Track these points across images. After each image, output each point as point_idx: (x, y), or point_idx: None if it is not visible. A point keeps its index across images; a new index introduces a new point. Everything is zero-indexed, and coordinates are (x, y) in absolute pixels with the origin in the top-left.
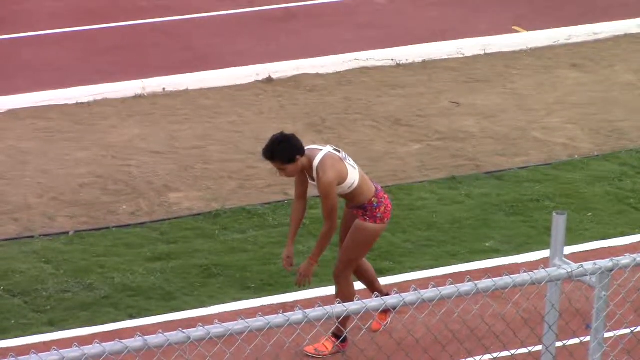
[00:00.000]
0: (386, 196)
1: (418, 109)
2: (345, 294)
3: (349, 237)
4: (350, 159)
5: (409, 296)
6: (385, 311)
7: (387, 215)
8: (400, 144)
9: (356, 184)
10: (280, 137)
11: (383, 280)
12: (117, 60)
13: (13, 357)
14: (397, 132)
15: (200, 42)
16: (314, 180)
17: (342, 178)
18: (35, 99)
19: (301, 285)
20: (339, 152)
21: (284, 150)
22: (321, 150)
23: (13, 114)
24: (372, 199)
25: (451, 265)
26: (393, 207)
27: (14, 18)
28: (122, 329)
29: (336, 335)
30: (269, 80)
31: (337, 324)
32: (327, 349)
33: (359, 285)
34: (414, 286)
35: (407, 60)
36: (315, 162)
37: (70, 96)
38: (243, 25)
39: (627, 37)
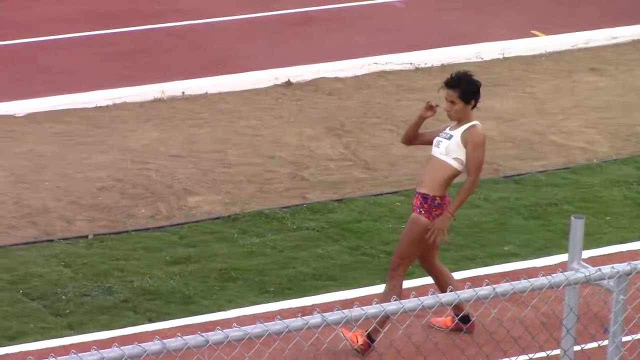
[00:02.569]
0: (446, 207)
1: (437, 113)
2: (389, 293)
3: (403, 232)
4: None
5: (427, 300)
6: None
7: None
8: (419, 147)
9: (461, 168)
10: (472, 76)
11: (404, 284)
12: (135, 64)
13: None
14: None
15: (219, 46)
16: (447, 139)
17: (480, 157)
18: (53, 102)
19: (436, 241)
20: None
21: (470, 86)
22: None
23: (32, 117)
24: (438, 198)
25: (470, 269)
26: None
27: (32, 22)
28: (141, 332)
29: (370, 337)
30: (288, 84)
31: (374, 324)
32: (356, 340)
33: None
34: (432, 290)
35: (425, 64)
36: (475, 122)
37: (89, 100)
38: (261, 29)
39: None
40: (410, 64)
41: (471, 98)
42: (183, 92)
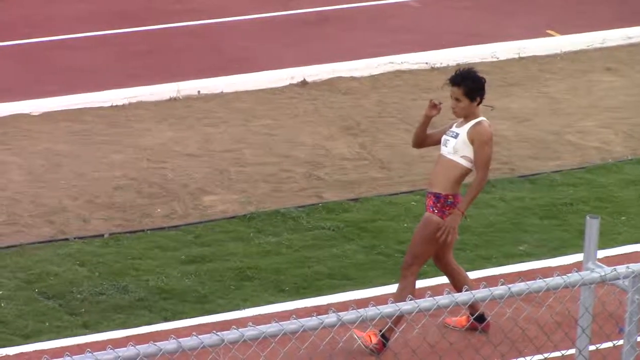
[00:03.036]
0: (461, 211)
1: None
2: (403, 292)
3: (415, 231)
4: None
5: (443, 299)
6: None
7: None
8: (434, 147)
9: (470, 165)
10: (476, 73)
11: (418, 283)
12: (151, 63)
13: (47, 359)
14: None
15: (234, 46)
16: (454, 137)
17: (487, 153)
18: (69, 101)
19: (448, 239)
20: None
21: (474, 83)
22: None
23: (48, 116)
24: (450, 197)
25: (485, 268)
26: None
27: (49, 21)
28: (157, 331)
29: (384, 336)
30: (304, 83)
31: (389, 323)
32: (369, 340)
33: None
34: (447, 289)
35: (441, 63)
36: (481, 118)
37: (105, 99)
38: (277, 28)
39: None
40: (426, 63)
41: (476, 95)
42: (199, 91)
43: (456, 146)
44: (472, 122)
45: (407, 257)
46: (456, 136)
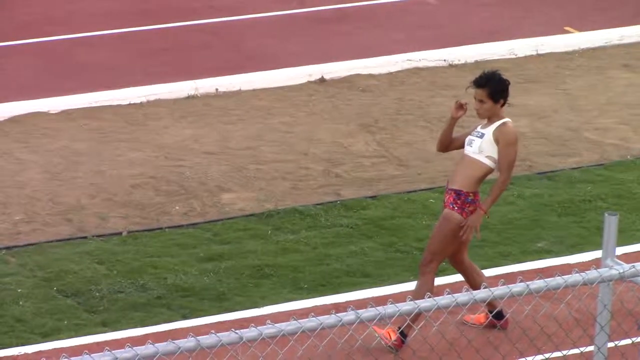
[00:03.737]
0: (478, 204)
1: (470, 109)
2: (421, 289)
3: (435, 228)
4: None
5: (461, 297)
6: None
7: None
8: None
9: (493, 165)
10: (500, 74)
11: (437, 281)
12: (169, 60)
13: (66, 357)
14: None
15: (252, 43)
16: (480, 137)
17: (512, 154)
18: (88, 99)
19: (468, 237)
20: None
21: (498, 85)
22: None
23: (66, 114)
24: (471, 195)
25: (503, 265)
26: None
27: (67, 19)
28: (175, 329)
29: (403, 333)
30: (322, 80)
31: (407, 320)
32: (389, 337)
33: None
34: (466, 287)
35: (459, 60)
36: (506, 119)
37: (124, 97)
38: (295, 26)
39: None
40: (444, 60)
41: (500, 96)
42: (217, 89)
43: (482, 146)
44: (498, 122)
45: (425, 254)
46: (482, 136)
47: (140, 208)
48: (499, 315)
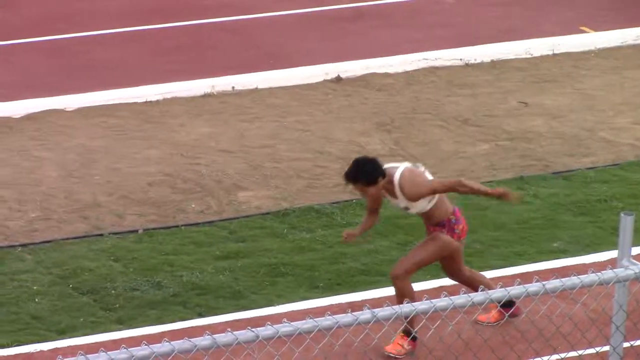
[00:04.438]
0: (462, 217)
1: (486, 108)
2: (404, 294)
3: (420, 243)
4: (429, 174)
5: (477, 296)
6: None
7: (464, 234)
8: (468, 143)
9: (435, 199)
10: (363, 160)
11: (451, 281)
12: (185, 58)
13: (82, 354)
14: (465, 131)
15: (269, 42)
16: (395, 197)
17: (422, 188)
18: (104, 97)
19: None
20: (417, 166)
21: (366, 173)
22: (399, 167)
23: (82, 112)
24: (451, 217)
25: (519, 265)
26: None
27: (83, 17)
28: (191, 327)
29: (406, 332)
30: (338, 79)
31: (405, 323)
32: (401, 347)
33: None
34: (482, 286)
35: (475, 60)
36: (396, 178)
37: (140, 94)
38: (311, 24)
39: None
40: (460, 59)
41: (375, 177)
42: (233, 87)
43: (409, 206)
44: (396, 184)
45: (400, 264)
46: (403, 207)
47: (156, 206)
48: (509, 303)
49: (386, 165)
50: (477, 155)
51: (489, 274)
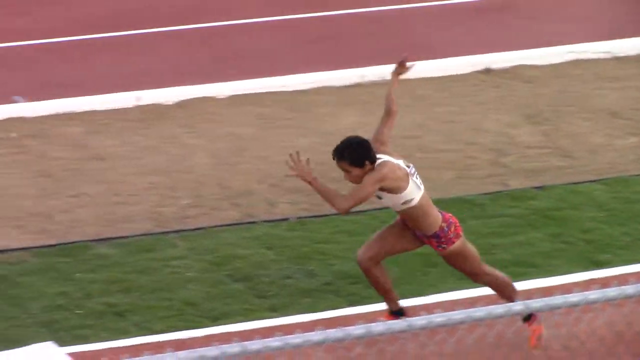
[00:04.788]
0: (453, 218)
1: (635, 102)
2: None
3: (455, 265)
4: (418, 178)
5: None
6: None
7: (459, 229)
8: (617, 136)
9: (414, 203)
10: (356, 139)
11: (602, 272)
12: (330, 48)
13: (237, 341)
14: (613, 124)
15: (416, 32)
16: (381, 198)
17: (395, 186)
18: (252, 85)
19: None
20: (409, 167)
21: (355, 152)
22: (388, 160)
23: (232, 100)
24: (442, 224)
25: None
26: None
27: (228, 6)
28: (343, 316)
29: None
30: (488, 70)
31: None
32: (537, 337)
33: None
34: (577, 288)
35: (623, 53)
36: (375, 166)
37: (288, 83)
38: (456, 16)
39: None
40: (608, 52)
41: (363, 159)
42: (383, 78)
43: (388, 202)
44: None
45: (471, 277)
46: (381, 197)
47: (307, 194)
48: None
49: (385, 158)
50: (626, 148)
51: (635, 268)
